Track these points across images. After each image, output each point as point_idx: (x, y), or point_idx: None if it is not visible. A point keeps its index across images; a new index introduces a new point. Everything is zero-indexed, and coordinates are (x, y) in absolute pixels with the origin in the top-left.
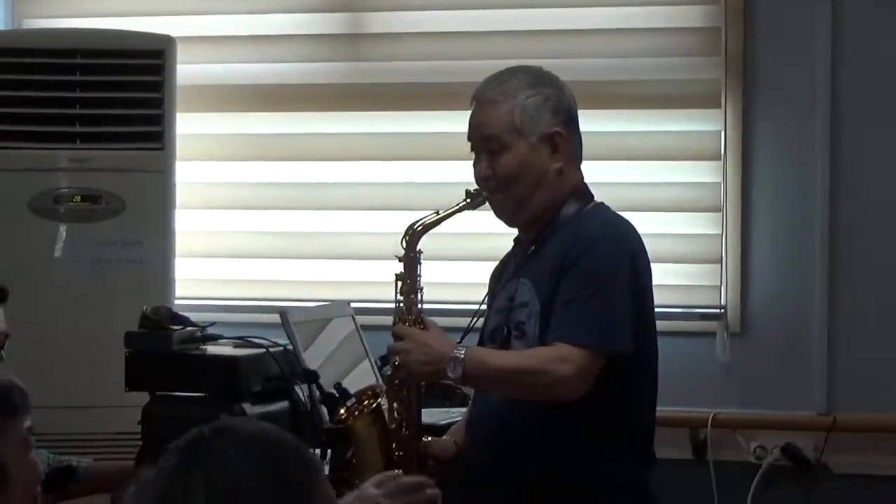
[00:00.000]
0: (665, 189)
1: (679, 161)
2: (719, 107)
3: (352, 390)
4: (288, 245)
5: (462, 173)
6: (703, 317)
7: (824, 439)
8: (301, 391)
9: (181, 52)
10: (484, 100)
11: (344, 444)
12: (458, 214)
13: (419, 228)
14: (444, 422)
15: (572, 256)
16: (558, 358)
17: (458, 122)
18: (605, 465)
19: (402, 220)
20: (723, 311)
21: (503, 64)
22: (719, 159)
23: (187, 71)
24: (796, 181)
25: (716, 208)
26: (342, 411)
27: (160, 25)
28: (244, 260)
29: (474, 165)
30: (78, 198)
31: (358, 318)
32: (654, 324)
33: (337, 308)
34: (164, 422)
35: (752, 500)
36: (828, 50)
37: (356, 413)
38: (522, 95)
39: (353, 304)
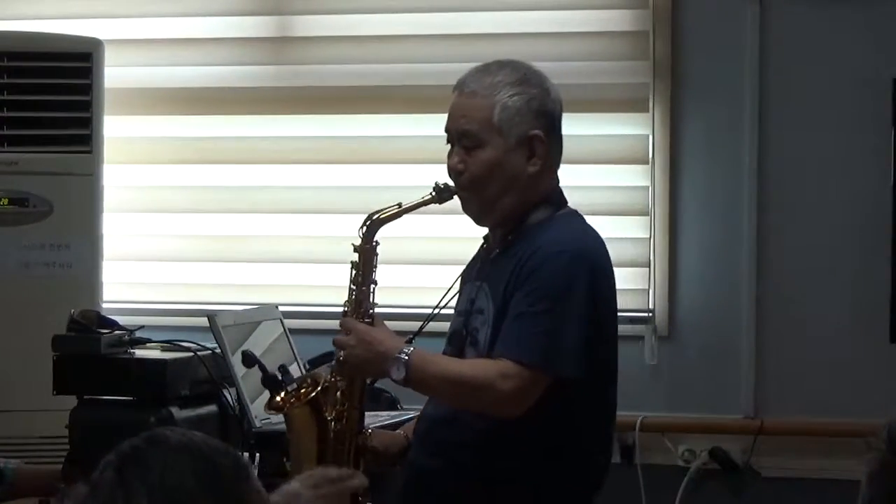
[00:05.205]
0: (593, 192)
1: (607, 164)
2: (647, 111)
3: None
4: (216, 248)
5: (392, 177)
6: (632, 320)
7: (752, 442)
8: (230, 395)
9: (109, 55)
10: (466, 91)
11: (273, 447)
12: (423, 208)
13: (378, 219)
14: (372, 426)
15: (529, 267)
16: (501, 374)
17: (385, 126)
18: (542, 491)
19: (330, 224)
20: (651, 314)
21: (429, 68)
22: (647, 163)
23: (115, 74)
24: (724, 184)
25: (644, 212)
26: (279, 397)
27: (88, 28)
28: (172, 263)
29: (448, 156)
30: (5, 201)
31: (286, 321)
32: (614, 343)
33: (265, 311)
34: (92, 425)
35: (680, 503)
36: (756, 53)
37: (293, 400)
38: (506, 93)
39: (281, 308)
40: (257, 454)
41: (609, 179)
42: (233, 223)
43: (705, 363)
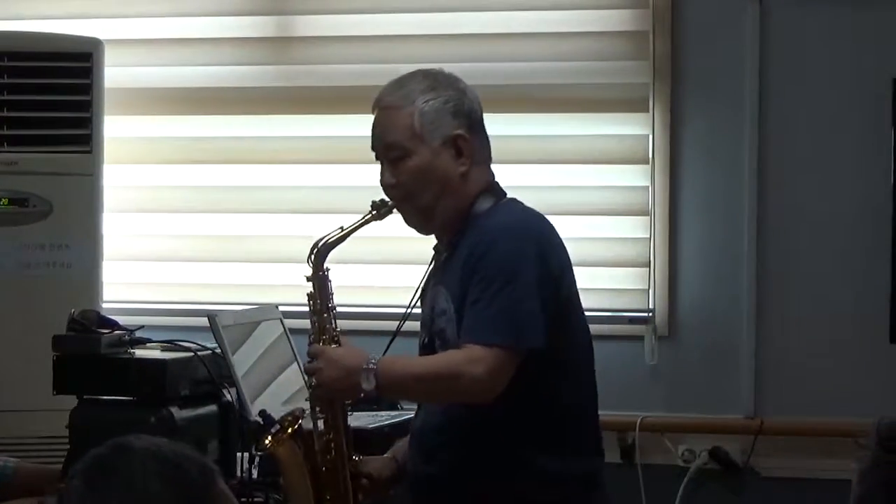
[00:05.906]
0: (593, 193)
1: (607, 164)
2: (647, 111)
3: (282, 394)
4: (216, 248)
5: None
6: (632, 320)
7: (752, 442)
8: (230, 394)
9: (109, 55)
10: (383, 106)
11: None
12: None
13: (323, 247)
14: (371, 426)
15: (476, 255)
16: (469, 359)
17: None
18: (539, 461)
19: (331, 223)
20: (651, 314)
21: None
22: (647, 163)
23: (115, 74)
24: (724, 184)
25: (644, 212)
26: (267, 440)
27: (88, 28)
28: (173, 263)
29: (380, 174)
30: (5, 201)
31: (286, 321)
32: (579, 314)
33: (265, 311)
34: (92, 425)
35: (680, 503)
36: (756, 52)
37: (279, 441)
38: (421, 100)
39: (281, 308)
40: (257, 455)
41: (609, 179)
42: (233, 223)
43: (705, 363)
